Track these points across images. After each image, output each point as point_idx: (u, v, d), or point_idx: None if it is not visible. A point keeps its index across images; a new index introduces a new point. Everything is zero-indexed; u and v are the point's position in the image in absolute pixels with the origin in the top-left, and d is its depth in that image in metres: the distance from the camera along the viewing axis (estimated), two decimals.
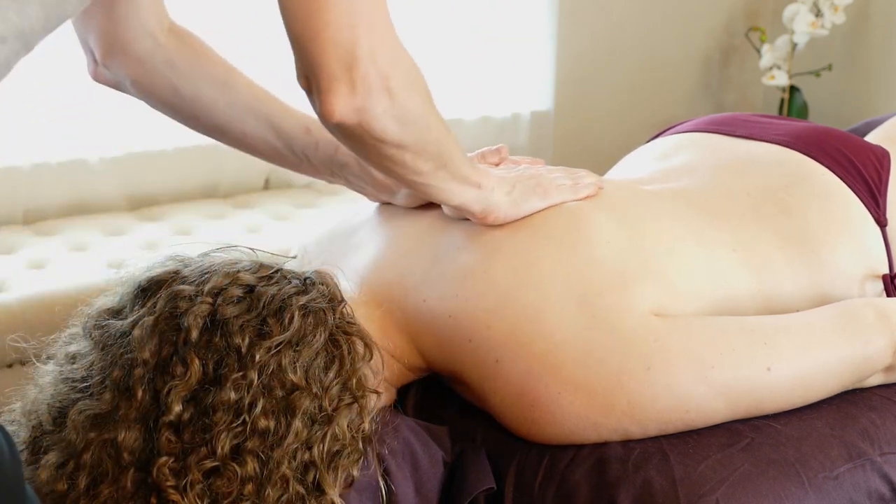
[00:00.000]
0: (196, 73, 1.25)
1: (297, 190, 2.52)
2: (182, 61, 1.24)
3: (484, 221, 1.21)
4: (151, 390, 0.97)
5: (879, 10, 2.83)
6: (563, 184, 1.27)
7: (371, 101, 0.99)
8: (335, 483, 1.02)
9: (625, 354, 1.10)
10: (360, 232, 1.32)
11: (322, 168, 1.32)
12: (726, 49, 3.10)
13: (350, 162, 1.30)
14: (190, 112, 1.27)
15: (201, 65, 1.25)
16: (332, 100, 0.98)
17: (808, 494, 1.09)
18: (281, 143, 1.29)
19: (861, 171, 1.37)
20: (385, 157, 1.07)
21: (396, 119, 1.02)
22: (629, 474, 1.09)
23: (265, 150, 1.31)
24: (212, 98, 1.26)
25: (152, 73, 1.24)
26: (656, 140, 1.57)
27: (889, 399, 1.22)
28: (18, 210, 2.24)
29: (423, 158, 1.10)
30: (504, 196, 1.21)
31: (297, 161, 1.32)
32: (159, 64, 1.23)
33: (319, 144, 1.29)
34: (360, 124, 1.00)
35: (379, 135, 1.03)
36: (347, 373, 1.04)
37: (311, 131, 1.28)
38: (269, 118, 1.28)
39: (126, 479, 0.96)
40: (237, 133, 1.29)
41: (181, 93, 1.25)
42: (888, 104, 2.80)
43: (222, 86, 1.26)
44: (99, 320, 1.03)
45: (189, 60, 1.24)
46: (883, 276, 1.33)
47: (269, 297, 1.02)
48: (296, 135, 1.29)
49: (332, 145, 1.28)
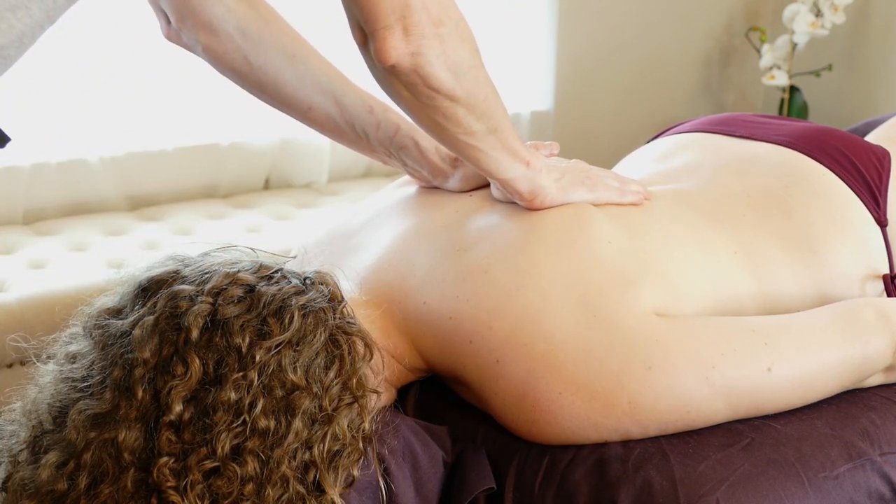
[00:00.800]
0: (265, 42, 1.27)
1: (297, 190, 2.52)
2: (252, 29, 1.26)
3: (531, 204, 1.23)
4: (152, 390, 0.97)
5: (879, 10, 2.83)
6: (611, 184, 1.28)
7: (424, 46, 1.02)
8: (335, 483, 1.02)
9: (626, 354, 1.10)
10: (359, 233, 1.32)
11: (380, 148, 1.34)
12: (726, 49, 3.10)
13: (408, 144, 1.32)
14: (257, 82, 1.29)
15: (271, 34, 1.27)
16: (387, 44, 1.01)
17: (809, 494, 1.10)
18: (343, 120, 1.31)
19: (861, 172, 1.37)
20: (439, 111, 1.10)
21: (448, 68, 1.05)
22: (629, 474, 1.09)
23: (327, 126, 1.34)
24: (279, 69, 1.28)
25: (222, 39, 1.26)
26: (656, 140, 1.57)
27: (889, 399, 1.22)
28: (18, 210, 2.24)
29: (474, 116, 1.12)
30: (552, 181, 1.24)
31: (357, 139, 1.34)
32: (230, 30, 1.25)
33: (381, 125, 1.31)
34: (415, 69, 1.04)
35: (433, 82, 1.06)
36: (348, 373, 1.04)
37: (373, 111, 1.31)
38: (334, 95, 1.30)
39: (126, 478, 0.96)
40: (303, 107, 1.31)
41: (250, 61, 1.27)
42: (888, 104, 2.80)
43: (291, 57, 1.28)
44: (99, 320, 1.03)
45: (259, 28, 1.26)
46: (883, 276, 1.33)
47: (270, 296, 1.02)
48: (358, 113, 1.31)
49: (393, 126, 1.31)
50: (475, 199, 1.30)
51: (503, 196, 1.27)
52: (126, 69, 2.27)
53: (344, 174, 2.61)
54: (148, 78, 2.30)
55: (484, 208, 1.28)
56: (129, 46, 2.26)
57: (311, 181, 2.54)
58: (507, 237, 1.20)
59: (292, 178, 2.53)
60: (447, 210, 1.29)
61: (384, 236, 1.28)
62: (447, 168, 1.33)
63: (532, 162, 1.22)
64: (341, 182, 2.59)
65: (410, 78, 1.05)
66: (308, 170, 2.52)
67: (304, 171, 2.52)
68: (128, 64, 2.27)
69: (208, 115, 2.39)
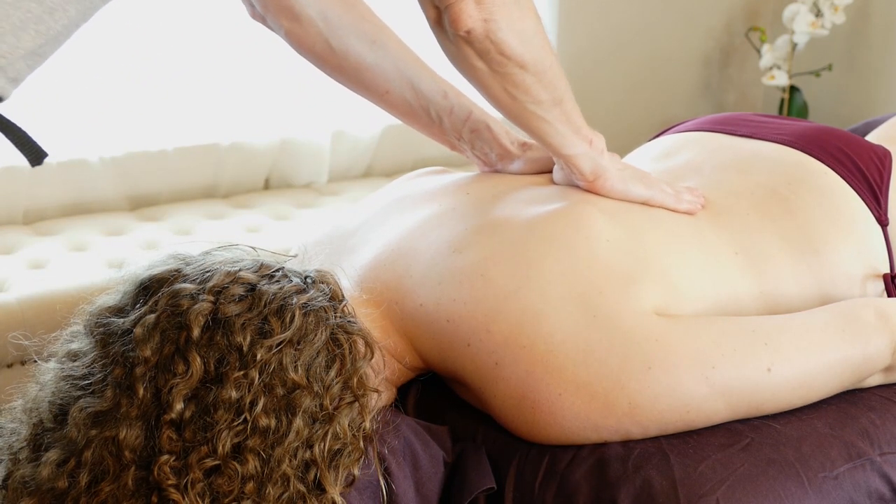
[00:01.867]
0: (346, 27, 1.31)
1: (297, 190, 2.52)
2: (334, 14, 1.30)
3: (592, 186, 1.27)
4: (153, 388, 0.97)
5: (879, 10, 2.83)
6: (666, 190, 1.30)
7: (496, 13, 1.10)
8: (336, 482, 1.02)
9: (626, 354, 1.10)
10: (357, 233, 1.32)
11: (452, 133, 1.40)
12: (726, 49, 3.10)
13: (480, 128, 1.38)
14: (337, 65, 1.33)
15: (353, 19, 1.31)
16: (463, 13, 1.09)
17: (808, 494, 1.10)
18: (419, 104, 1.37)
19: (863, 171, 1.37)
20: (509, 78, 1.17)
21: (518, 34, 1.12)
22: (629, 474, 1.09)
23: (402, 109, 1.39)
24: (359, 53, 1.32)
25: (304, 24, 1.30)
26: (657, 139, 1.57)
27: (889, 399, 1.22)
28: (18, 210, 2.24)
29: (542, 84, 1.18)
30: (613, 165, 1.28)
31: (430, 123, 1.39)
32: (312, 15, 1.30)
33: (454, 109, 1.37)
34: (488, 35, 1.11)
35: (505, 48, 1.13)
36: (348, 371, 1.04)
37: (447, 96, 1.37)
38: (411, 79, 1.35)
39: (127, 477, 0.96)
40: (380, 90, 1.36)
41: (331, 46, 1.31)
42: (888, 104, 2.79)
43: (371, 43, 1.32)
44: (101, 318, 1.03)
45: (340, 14, 1.31)
46: (884, 276, 1.33)
47: (271, 295, 1.02)
48: (433, 97, 1.36)
49: (466, 111, 1.37)
50: (472, 196, 1.30)
51: (564, 179, 1.31)
52: (126, 69, 2.27)
53: (344, 174, 2.61)
54: (148, 78, 2.30)
55: (481, 205, 1.27)
56: (130, 47, 2.26)
57: (311, 181, 2.54)
58: (503, 238, 1.19)
59: (292, 178, 2.53)
60: (444, 207, 1.28)
61: (381, 235, 1.28)
62: (516, 152, 1.38)
63: (595, 141, 1.27)
64: (341, 182, 2.59)
65: (484, 45, 1.12)
66: (308, 170, 2.52)
67: (304, 171, 2.52)
68: (128, 64, 2.27)
69: (208, 115, 2.39)
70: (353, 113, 2.51)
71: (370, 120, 2.54)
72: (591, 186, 1.28)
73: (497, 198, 1.28)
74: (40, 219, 2.27)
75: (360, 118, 2.53)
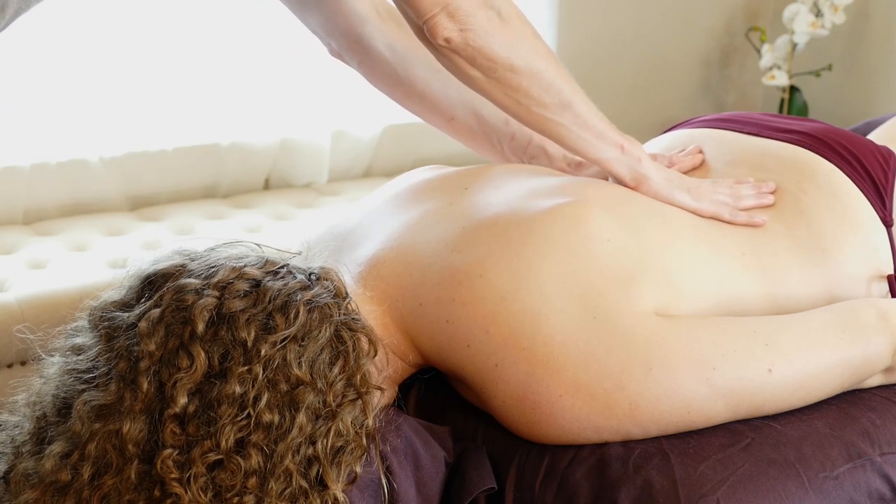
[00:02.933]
0: (412, 57, 1.38)
1: (297, 190, 2.52)
2: (400, 45, 1.38)
3: (637, 190, 1.30)
4: (157, 382, 0.98)
5: (879, 10, 2.83)
6: (721, 200, 1.31)
7: (471, 23, 1.15)
8: (338, 478, 1.02)
9: (626, 355, 1.10)
10: (355, 231, 1.32)
11: (513, 157, 1.48)
12: (726, 49, 3.10)
13: (538, 154, 1.44)
14: (405, 94, 1.41)
15: (417, 49, 1.37)
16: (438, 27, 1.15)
17: (809, 494, 1.09)
18: (481, 130, 1.44)
19: (868, 171, 1.37)
20: (504, 82, 1.20)
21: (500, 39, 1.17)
22: (630, 474, 1.09)
23: (467, 135, 1.46)
24: (426, 82, 1.40)
25: (373, 55, 1.39)
26: (663, 136, 1.56)
27: (889, 399, 1.22)
28: (18, 210, 2.24)
29: (540, 87, 1.21)
30: (657, 173, 1.30)
31: (491, 148, 1.46)
32: (380, 47, 1.38)
33: (515, 135, 1.44)
34: (467, 43, 1.16)
35: (487, 52, 1.17)
36: (352, 369, 1.04)
37: (509, 123, 1.44)
38: (474, 107, 1.42)
39: (130, 470, 0.96)
40: (446, 116, 1.43)
41: (398, 75, 1.39)
42: (888, 104, 2.79)
43: (436, 72, 1.39)
44: (105, 312, 1.04)
45: (406, 44, 1.38)
46: (888, 277, 1.32)
47: (275, 291, 1.03)
48: (495, 124, 1.43)
49: (526, 137, 1.43)
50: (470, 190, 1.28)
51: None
52: (126, 69, 2.27)
53: (344, 174, 2.61)
54: (148, 78, 2.30)
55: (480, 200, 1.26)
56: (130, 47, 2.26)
57: (311, 181, 2.54)
58: (502, 237, 1.18)
59: (292, 178, 2.53)
60: (442, 202, 1.26)
61: (380, 231, 1.27)
62: (572, 172, 1.43)
63: (627, 147, 1.29)
64: (341, 182, 2.59)
65: (467, 52, 1.16)
66: (308, 170, 2.52)
67: (304, 171, 2.52)
68: (128, 64, 2.27)
69: (208, 115, 2.39)
70: (353, 113, 2.51)
71: (370, 120, 2.54)
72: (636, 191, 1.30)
73: (496, 191, 1.27)
74: (40, 219, 2.27)
75: (360, 118, 2.53)
